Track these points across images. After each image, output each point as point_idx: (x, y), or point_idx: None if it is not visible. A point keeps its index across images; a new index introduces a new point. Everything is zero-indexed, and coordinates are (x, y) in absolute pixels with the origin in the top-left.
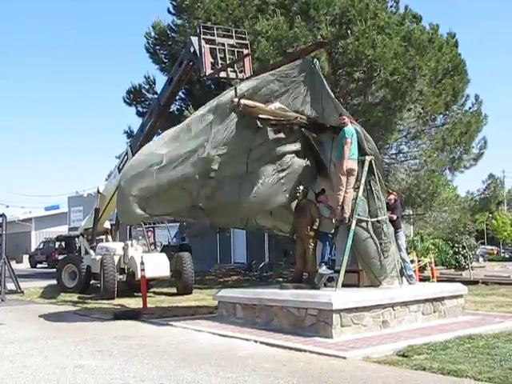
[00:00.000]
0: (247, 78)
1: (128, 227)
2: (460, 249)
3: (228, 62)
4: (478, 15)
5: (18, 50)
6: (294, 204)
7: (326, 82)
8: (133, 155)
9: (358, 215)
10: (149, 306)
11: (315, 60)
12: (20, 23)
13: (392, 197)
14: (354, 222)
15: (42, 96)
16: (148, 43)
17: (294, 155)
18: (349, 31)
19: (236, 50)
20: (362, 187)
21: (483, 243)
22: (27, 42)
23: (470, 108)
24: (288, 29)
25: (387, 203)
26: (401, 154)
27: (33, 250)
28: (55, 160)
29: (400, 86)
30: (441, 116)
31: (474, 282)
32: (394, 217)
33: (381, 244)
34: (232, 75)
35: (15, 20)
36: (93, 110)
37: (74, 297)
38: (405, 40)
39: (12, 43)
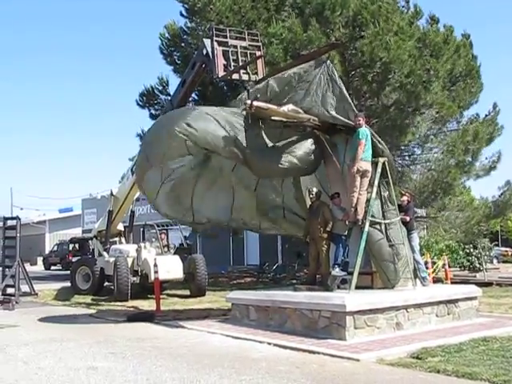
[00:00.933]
0: (260, 80)
1: (141, 229)
2: (471, 250)
3: (241, 63)
4: (490, 15)
5: (36, 50)
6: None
7: (340, 82)
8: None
9: (372, 217)
10: (162, 308)
11: (328, 61)
12: (29, 22)
13: (405, 198)
14: (367, 224)
15: (55, 97)
16: (162, 45)
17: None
18: (362, 33)
19: (249, 51)
20: (375, 189)
21: (497, 245)
22: (44, 42)
23: (486, 116)
24: (302, 31)
25: (400, 205)
26: (414, 156)
27: (47, 252)
28: (69, 163)
29: (415, 88)
30: (454, 122)
31: (488, 284)
32: (407, 218)
33: (393, 246)
34: (245, 77)
35: (26, 19)
36: (107, 112)
37: (88, 299)
38: (419, 42)
39: (33, 43)
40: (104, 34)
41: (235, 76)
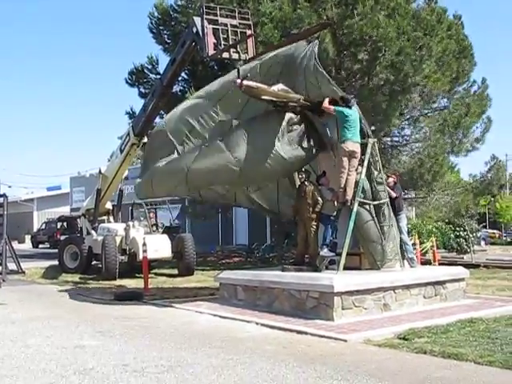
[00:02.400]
0: (250, 59)
1: (130, 208)
2: (461, 232)
3: (231, 42)
4: None
5: (22, 24)
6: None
7: (319, 65)
8: (134, 136)
9: (360, 197)
10: (150, 287)
11: (315, 41)
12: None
13: (391, 179)
14: (355, 205)
15: (43, 73)
16: (151, 23)
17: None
18: (354, 11)
19: (239, 30)
20: (364, 170)
21: (485, 227)
22: (33, 16)
23: (475, 92)
24: (292, 10)
25: (387, 186)
26: (403, 137)
27: (35, 230)
28: (57, 140)
29: (404, 67)
30: (444, 100)
31: (476, 266)
32: (394, 194)
33: (382, 227)
34: (235, 56)
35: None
36: (95, 90)
37: (76, 277)
38: (413, 20)
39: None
40: (94, 10)
41: (225, 55)
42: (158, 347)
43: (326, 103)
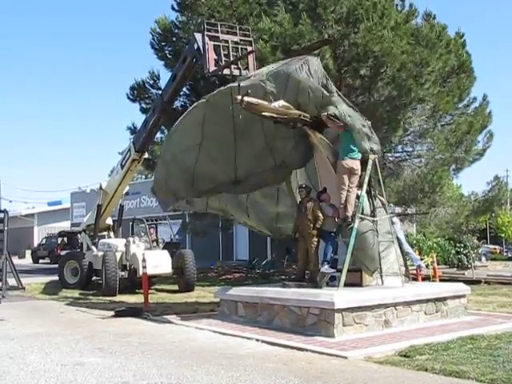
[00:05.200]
0: (250, 77)
1: (130, 224)
2: (462, 248)
3: (232, 58)
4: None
5: (25, 37)
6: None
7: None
8: (135, 151)
9: (361, 214)
10: (150, 303)
11: (315, 57)
12: (21, 10)
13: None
14: (356, 221)
15: (45, 89)
16: (153, 39)
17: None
18: (356, 29)
19: (240, 46)
20: (365, 186)
21: (485, 242)
22: (34, 33)
23: (476, 108)
24: (293, 26)
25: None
26: (405, 153)
27: (35, 245)
28: (58, 156)
29: (407, 82)
30: (446, 116)
31: (477, 282)
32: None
33: (382, 243)
34: (236, 72)
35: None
36: (97, 106)
37: (76, 293)
38: (412, 37)
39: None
40: (96, 26)
41: (226, 71)
42: (157, 364)
43: (332, 123)
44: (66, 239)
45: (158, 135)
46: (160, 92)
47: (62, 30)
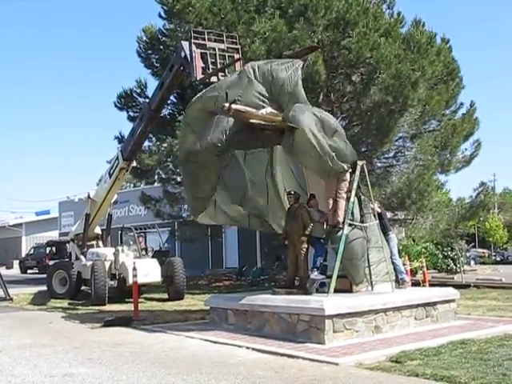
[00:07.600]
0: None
1: (119, 233)
2: (449, 252)
3: (219, 66)
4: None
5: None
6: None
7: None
8: (123, 160)
9: (350, 220)
10: (140, 311)
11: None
12: (16, 21)
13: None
14: (346, 227)
15: (31, 98)
16: (140, 47)
17: None
18: (347, 34)
19: (227, 54)
20: (353, 192)
21: (474, 246)
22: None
23: (463, 114)
24: (287, 31)
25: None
26: (394, 158)
27: (23, 255)
28: (46, 165)
29: (401, 88)
30: (433, 121)
31: (466, 286)
32: (377, 209)
33: (371, 249)
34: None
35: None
36: (84, 114)
37: (65, 303)
38: (403, 43)
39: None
40: (83, 35)
41: (213, 79)
42: (148, 373)
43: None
44: (54, 249)
45: (146, 143)
46: (147, 100)
47: (46, 39)
